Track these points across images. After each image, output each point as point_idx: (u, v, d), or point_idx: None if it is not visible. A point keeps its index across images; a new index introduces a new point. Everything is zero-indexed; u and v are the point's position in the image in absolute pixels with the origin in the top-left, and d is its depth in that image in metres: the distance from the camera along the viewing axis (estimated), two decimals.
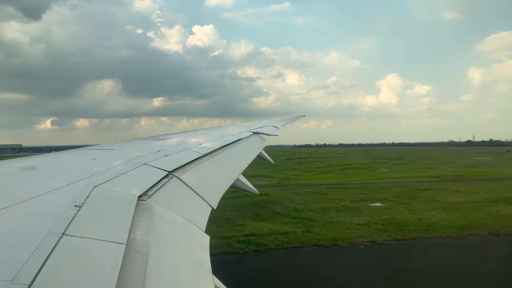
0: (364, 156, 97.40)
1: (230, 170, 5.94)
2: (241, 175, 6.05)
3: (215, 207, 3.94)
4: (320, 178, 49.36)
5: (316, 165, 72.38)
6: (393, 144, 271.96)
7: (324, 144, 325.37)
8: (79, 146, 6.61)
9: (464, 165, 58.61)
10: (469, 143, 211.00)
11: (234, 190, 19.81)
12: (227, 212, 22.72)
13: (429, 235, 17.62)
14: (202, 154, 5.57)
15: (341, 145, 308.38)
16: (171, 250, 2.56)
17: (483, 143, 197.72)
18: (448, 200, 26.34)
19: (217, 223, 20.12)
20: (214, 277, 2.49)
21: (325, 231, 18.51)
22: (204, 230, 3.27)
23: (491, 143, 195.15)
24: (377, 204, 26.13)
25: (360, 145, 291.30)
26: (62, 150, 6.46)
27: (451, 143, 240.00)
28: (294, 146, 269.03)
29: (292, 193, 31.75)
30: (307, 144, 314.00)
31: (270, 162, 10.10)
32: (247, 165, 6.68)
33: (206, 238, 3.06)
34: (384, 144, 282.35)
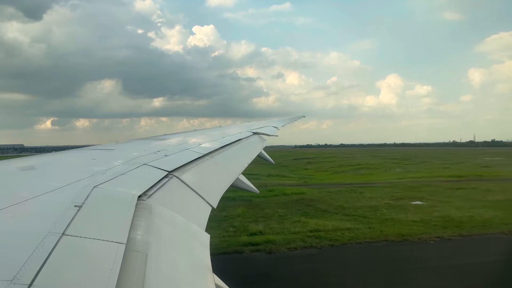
0: (371, 156, 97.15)
1: (230, 170, 5.95)
2: (241, 175, 6.06)
3: (215, 206, 3.94)
4: (337, 177, 49.54)
5: (327, 165, 72.34)
6: (395, 145, 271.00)
7: (326, 144, 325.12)
8: (80, 146, 6.62)
9: (478, 165, 58.71)
10: (471, 144, 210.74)
11: (270, 189, 24.32)
12: (277, 209, 23.99)
13: (490, 231, 18.08)
14: (202, 154, 5.58)
15: (342, 145, 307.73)
16: (171, 249, 2.57)
17: (485, 144, 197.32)
18: (487, 198, 26.87)
19: (274, 220, 21.33)
20: (215, 275, 2.49)
21: (386, 227, 19.19)
22: (204, 229, 3.28)
23: (494, 144, 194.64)
24: (418, 202, 26.63)
25: (361, 145, 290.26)
26: (64, 150, 6.45)
27: (454, 144, 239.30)
28: (296, 147, 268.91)
29: (326, 191, 32.29)
30: (308, 145, 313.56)
31: (270, 162, 10.11)
32: (247, 165, 6.69)
33: (206, 237, 3.07)
34: (385, 145, 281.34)
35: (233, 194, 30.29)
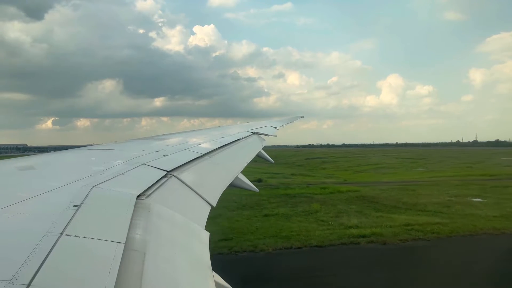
0: (383, 156, 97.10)
1: (229, 169, 5.95)
2: (241, 174, 6.06)
3: (214, 205, 3.95)
4: (364, 176, 49.96)
5: (345, 165, 72.51)
6: (397, 144, 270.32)
7: (328, 144, 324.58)
8: (82, 145, 6.61)
9: (499, 165, 59.41)
10: (475, 144, 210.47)
11: (324, 187, 27.59)
12: (349, 206, 25.43)
13: None
14: (201, 154, 5.58)
15: (344, 145, 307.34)
16: (169, 247, 2.57)
17: (489, 144, 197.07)
18: None
19: (355, 215, 22.51)
20: (215, 273, 2.49)
21: (474, 221, 20.26)
22: (204, 228, 3.28)
23: (498, 144, 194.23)
24: (478, 199, 27.46)
25: (363, 145, 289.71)
26: (66, 150, 6.45)
27: (458, 144, 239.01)
28: (298, 146, 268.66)
29: (378, 189, 33.33)
30: (310, 144, 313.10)
31: (269, 161, 10.12)
32: (246, 164, 6.70)
33: (206, 235, 3.07)
34: (387, 144, 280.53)
35: (292, 192, 32.20)
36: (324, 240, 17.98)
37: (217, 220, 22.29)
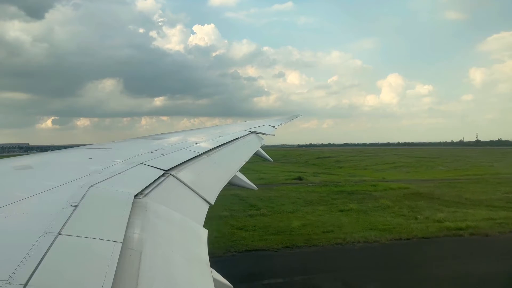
0: (395, 155, 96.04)
1: (227, 168, 5.97)
2: (239, 172, 6.08)
3: (212, 203, 3.98)
4: (387, 175, 49.54)
5: (362, 164, 71.86)
6: (399, 144, 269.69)
7: (329, 143, 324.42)
8: (82, 145, 6.60)
9: None
10: (478, 143, 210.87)
11: (373, 184, 29.99)
12: (415, 202, 26.03)
13: None
14: (199, 153, 5.58)
15: (345, 144, 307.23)
16: (166, 245, 2.57)
17: (492, 143, 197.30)
18: None
19: (430, 210, 23.24)
20: (213, 270, 2.50)
21: None
22: (202, 225, 3.30)
23: (501, 143, 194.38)
24: None
25: (364, 144, 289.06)
26: (63, 149, 6.43)
27: (461, 143, 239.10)
28: (299, 146, 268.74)
29: (424, 187, 33.99)
30: (311, 144, 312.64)
31: (268, 160, 10.14)
32: (244, 163, 6.72)
33: (204, 232, 3.09)
34: (388, 144, 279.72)
35: (347, 189, 33.49)
36: (426, 232, 18.69)
37: (298, 214, 23.33)
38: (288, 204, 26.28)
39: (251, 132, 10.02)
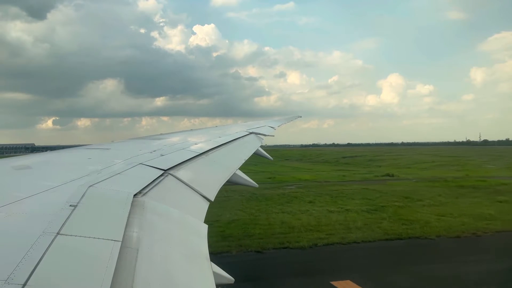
0: (420, 154, 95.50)
1: (226, 166, 5.98)
2: (239, 170, 6.08)
3: (212, 200, 4.01)
4: (439, 172, 50.10)
5: (398, 163, 71.34)
6: (403, 144, 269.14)
7: (333, 143, 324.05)
8: (84, 145, 6.60)
9: None
10: (486, 143, 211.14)
11: (481, 179, 32.92)
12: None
13: None
14: (199, 153, 5.59)
15: (349, 144, 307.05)
16: (165, 242, 2.57)
17: (501, 142, 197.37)
18: None
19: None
20: (213, 264, 2.51)
21: None
22: (203, 221, 3.33)
23: (508, 143, 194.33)
24: None
25: (368, 144, 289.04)
26: (63, 149, 6.42)
27: (468, 142, 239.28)
28: (302, 146, 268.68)
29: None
30: (314, 144, 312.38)
31: (268, 158, 10.16)
32: (244, 161, 6.72)
33: (204, 228, 3.11)
34: (392, 144, 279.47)
35: (466, 183, 35.44)
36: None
37: (464, 205, 25.19)
38: (437, 197, 28.38)
39: (251, 133, 10.04)
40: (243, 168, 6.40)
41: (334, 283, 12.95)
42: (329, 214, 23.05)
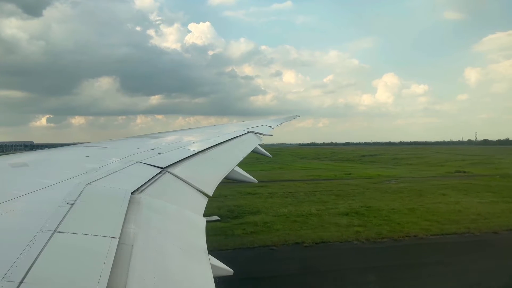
0: (438, 153, 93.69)
1: (224, 163, 6.00)
2: (237, 167, 6.08)
3: (211, 195, 4.04)
4: (477, 171, 49.16)
5: (430, 161, 69.92)
6: (401, 143, 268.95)
7: (331, 142, 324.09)
8: (79, 143, 6.57)
9: None
10: (486, 142, 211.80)
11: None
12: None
13: None
14: (196, 151, 5.58)
15: (347, 143, 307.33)
16: (161, 237, 2.57)
17: (501, 142, 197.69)
18: None
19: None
20: (211, 256, 2.51)
21: None
22: (202, 215, 3.35)
23: (508, 142, 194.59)
24: None
25: (366, 143, 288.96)
26: (60, 147, 6.39)
27: (469, 142, 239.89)
28: (300, 145, 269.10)
29: None
30: (312, 143, 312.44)
31: (267, 156, 10.16)
32: (242, 158, 6.72)
33: (202, 221, 3.12)
34: (390, 143, 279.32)
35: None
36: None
37: (498, 205, 24.06)
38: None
39: (249, 132, 10.03)
40: (300, 164, 6.28)
41: None
42: (492, 205, 23.84)
